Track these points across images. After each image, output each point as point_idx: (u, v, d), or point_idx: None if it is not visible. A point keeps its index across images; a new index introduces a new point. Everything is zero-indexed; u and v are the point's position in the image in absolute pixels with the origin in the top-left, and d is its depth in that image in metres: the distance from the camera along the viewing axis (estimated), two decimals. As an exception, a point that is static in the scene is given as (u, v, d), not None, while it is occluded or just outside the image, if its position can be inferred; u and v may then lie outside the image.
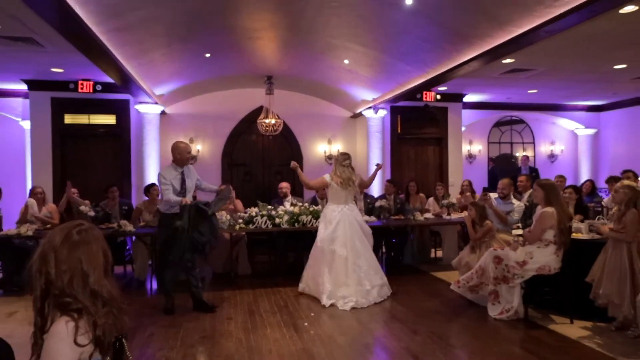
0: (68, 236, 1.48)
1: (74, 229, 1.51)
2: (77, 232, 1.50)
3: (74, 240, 1.48)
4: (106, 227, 6.12)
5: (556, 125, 11.21)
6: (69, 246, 1.46)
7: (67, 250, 1.45)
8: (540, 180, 4.61)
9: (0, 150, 8.66)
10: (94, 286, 1.45)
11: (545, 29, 4.00)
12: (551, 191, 4.35)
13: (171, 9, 4.66)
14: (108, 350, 1.44)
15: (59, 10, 3.53)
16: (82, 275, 1.45)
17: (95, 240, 1.52)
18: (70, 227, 1.52)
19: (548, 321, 4.38)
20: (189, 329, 4.29)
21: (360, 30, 5.58)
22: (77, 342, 1.38)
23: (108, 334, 1.44)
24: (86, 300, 1.43)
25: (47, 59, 6.07)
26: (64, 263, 1.44)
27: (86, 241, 1.49)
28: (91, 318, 1.42)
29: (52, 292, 1.43)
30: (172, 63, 6.64)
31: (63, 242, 1.47)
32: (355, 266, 5.06)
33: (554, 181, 7.36)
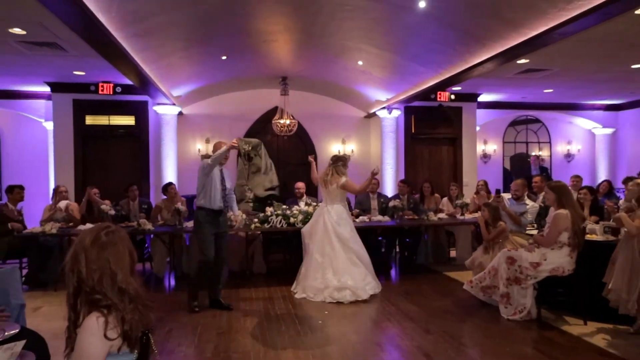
0: (97, 238, 1.59)
1: (102, 231, 1.62)
2: (105, 233, 1.61)
3: (102, 242, 1.59)
4: (126, 226, 6.30)
5: (573, 124, 11.08)
6: (98, 247, 1.57)
7: (96, 251, 1.57)
8: (550, 183, 4.61)
9: (24, 151, 8.95)
10: (121, 284, 1.56)
11: (559, 31, 4.00)
12: (562, 193, 4.36)
13: (189, 14, 4.79)
14: (135, 344, 1.55)
15: (83, 17, 3.68)
16: (111, 274, 1.56)
17: (122, 241, 1.63)
18: (99, 229, 1.63)
19: (561, 322, 4.39)
20: (206, 325, 4.41)
21: (373, 33, 5.64)
22: (107, 336, 1.49)
23: (135, 328, 1.55)
24: (114, 298, 1.54)
25: (70, 62, 6.27)
26: (94, 263, 1.55)
27: (113, 242, 1.60)
28: (119, 314, 1.52)
29: (83, 289, 1.54)
30: (190, 66, 6.79)
31: (92, 243, 1.58)
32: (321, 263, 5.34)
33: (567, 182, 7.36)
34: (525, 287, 4.41)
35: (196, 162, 9.01)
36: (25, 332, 2.02)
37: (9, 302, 2.59)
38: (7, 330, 1.98)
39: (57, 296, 5.47)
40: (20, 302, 2.67)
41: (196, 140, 9.10)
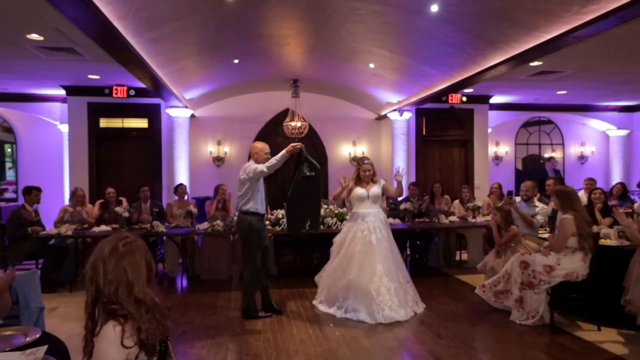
0: (115, 248, 1.63)
1: (121, 241, 1.66)
2: (123, 244, 1.65)
3: (120, 252, 1.62)
4: (139, 227, 6.38)
5: (586, 126, 10.96)
6: (115, 257, 1.61)
7: (114, 261, 1.60)
8: (556, 188, 4.61)
9: (39, 153, 9.11)
10: (138, 294, 1.59)
11: (573, 35, 3.98)
12: (565, 198, 4.34)
13: (203, 20, 4.85)
14: (154, 352, 1.58)
15: (99, 24, 3.75)
16: (127, 284, 1.59)
17: (139, 251, 1.66)
18: (117, 239, 1.67)
19: (574, 327, 4.35)
20: (219, 327, 4.46)
21: (385, 36, 5.65)
22: (124, 344, 1.53)
23: (151, 337, 1.58)
24: (131, 307, 1.57)
25: (85, 66, 6.37)
26: (111, 273, 1.59)
27: (131, 252, 1.64)
28: (136, 323, 1.56)
29: (101, 299, 1.58)
30: (202, 69, 6.86)
31: (110, 253, 1.62)
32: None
33: (580, 185, 7.28)
34: (539, 292, 4.38)
35: (208, 164, 9.13)
36: (46, 336, 2.07)
37: (28, 305, 2.65)
38: (29, 335, 2.03)
39: (72, 297, 5.56)
40: (40, 305, 2.72)
41: (208, 143, 9.18)
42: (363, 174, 4.98)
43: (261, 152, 4.72)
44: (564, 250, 4.31)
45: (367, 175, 4.96)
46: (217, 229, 6.03)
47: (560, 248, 4.32)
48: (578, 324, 4.41)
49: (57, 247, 6.12)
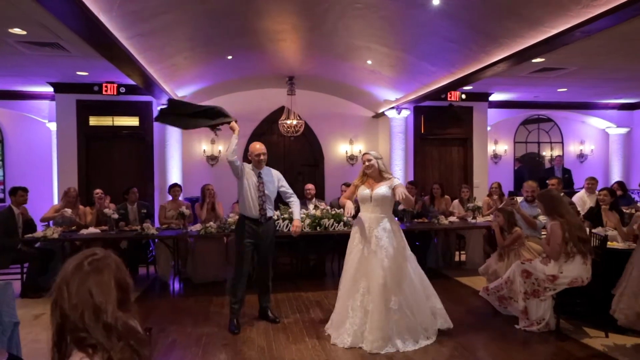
0: (79, 267, 1.42)
1: (87, 259, 1.44)
2: (89, 262, 1.43)
3: (84, 271, 1.41)
4: (129, 229, 6.18)
5: (586, 124, 10.83)
6: (79, 278, 1.39)
7: (77, 283, 1.38)
8: (540, 192, 4.44)
9: (27, 152, 8.87)
10: (107, 320, 1.37)
11: (582, 29, 3.80)
12: (548, 203, 4.17)
13: (194, 14, 4.63)
14: None
15: (82, 18, 3.53)
16: (94, 308, 1.37)
17: (108, 269, 1.44)
18: (83, 256, 1.45)
19: (581, 334, 4.20)
20: (211, 335, 4.27)
21: (383, 32, 5.46)
22: None
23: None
24: (99, 336, 1.35)
25: (73, 62, 6.13)
26: (75, 296, 1.37)
27: (97, 271, 1.42)
28: (106, 353, 1.34)
29: (67, 326, 1.37)
30: (195, 66, 6.64)
31: (74, 273, 1.40)
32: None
33: (581, 184, 7.12)
34: (544, 298, 4.22)
35: (201, 164, 8.92)
36: (13, 359, 1.88)
37: (1, 320, 2.45)
38: (-5, 359, 1.84)
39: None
40: (14, 320, 2.52)
41: (201, 141, 8.96)
42: (364, 166, 4.17)
43: (252, 153, 4.53)
44: (562, 256, 4.15)
45: (370, 167, 4.11)
46: (210, 230, 5.83)
47: (557, 255, 4.16)
48: (584, 330, 4.27)
49: (43, 250, 5.91)
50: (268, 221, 4.52)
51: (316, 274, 6.68)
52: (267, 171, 4.58)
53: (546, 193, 4.33)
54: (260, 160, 4.47)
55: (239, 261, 4.48)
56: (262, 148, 4.55)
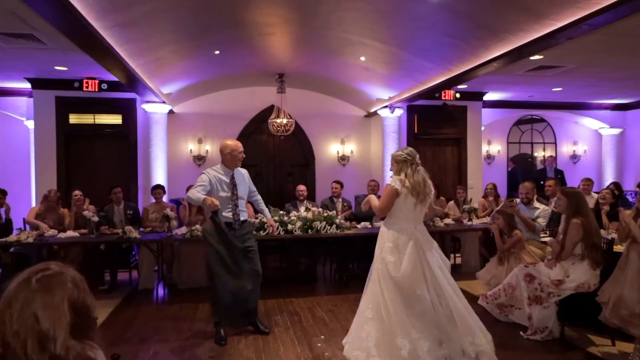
0: (25, 284, 1.15)
1: (36, 274, 1.17)
2: (38, 278, 1.16)
3: (31, 290, 1.14)
4: (110, 233, 5.87)
5: (579, 124, 10.74)
6: (24, 298, 1.13)
7: (21, 304, 1.12)
8: (565, 188, 4.24)
9: (4, 150, 8.45)
10: (55, 351, 1.11)
11: (589, 22, 3.60)
12: (575, 201, 3.97)
13: (177, 3, 4.35)
14: None
15: (53, 3, 3.23)
16: (40, 336, 1.11)
17: (61, 287, 1.17)
18: (32, 272, 1.18)
19: (586, 342, 4.01)
20: (196, 348, 3.98)
21: (378, 25, 5.22)
22: None
23: None
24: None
25: (50, 56, 5.80)
26: (17, 321, 1.11)
27: (47, 289, 1.15)
28: None
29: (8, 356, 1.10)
30: (180, 60, 6.34)
31: (18, 292, 1.14)
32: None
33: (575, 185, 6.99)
34: (548, 305, 4.01)
35: (188, 164, 8.61)
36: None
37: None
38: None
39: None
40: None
41: (188, 141, 8.65)
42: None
43: (235, 150, 4.13)
44: (570, 258, 3.96)
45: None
46: (196, 234, 5.54)
47: (568, 256, 3.97)
48: (590, 338, 4.07)
49: (19, 255, 5.57)
50: (243, 224, 4.16)
51: (307, 278, 6.42)
52: (239, 172, 4.24)
53: (573, 190, 4.13)
54: (240, 160, 4.17)
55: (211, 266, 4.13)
56: (241, 146, 4.24)
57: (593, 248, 3.88)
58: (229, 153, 4.14)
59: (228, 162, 4.15)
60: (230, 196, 4.08)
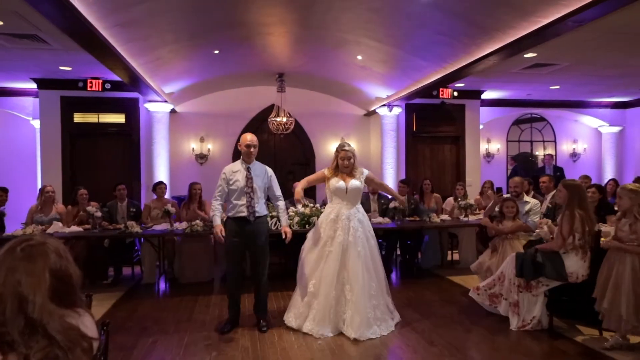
0: (9, 253, 1.27)
1: (20, 244, 1.29)
2: (22, 248, 1.28)
3: (15, 257, 1.26)
4: (113, 228, 6.01)
5: (579, 122, 10.79)
6: (8, 266, 1.25)
7: (5, 272, 1.24)
8: (565, 181, 4.31)
9: (11, 149, 8.65)
10: (32, 314, 1.21)
11: (573, 18, 3.70)
12: (575, 193, 4.05)
13: (177, 3, 4.49)
14: None
15: (55, 3, 3.38)
16: (19, 300, 1.22)
17: (43, 257, 1.28)
18: (18, 242, 1.31)
19: (574, 332, 4.09)
20: (194, 336, 4.12)
21: (373, 24, 5.34)
22: None
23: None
24: (14, 331, 1.20)
25: (55, 57, 5.97)
26: (2, 286, 1.22)
27: (30, 258, 1.27)
28: (22, 354, 1.18)
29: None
30: (181, 60, 6.49)
31: (3, 260, 1.26)
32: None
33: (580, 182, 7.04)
34: (536, 294, 4.11)
35: (190, 162, 8.76)
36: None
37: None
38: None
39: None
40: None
41: (190, 139, 8.81)
42: (342, 162, 4.20)
43: (242, 143, 4.25)
44: (562, 248, 4.05)
45: (347, 166, 4.19)
46: (197, 229, 5.68)
47: (559, 245, 4.06)
48: (578, 329, 4.16)
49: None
50: (258, 219, 4.22)
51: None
52: (258, 166, 4.31)
53: (574, 182, 4.19)
54: (250, 153, 4.19)
55: (228, 262, 4.32)
56: (252, 139, 4.25)
57: (587, 236, 3.95)
58: (239, 145, 4.31)
59: (242, 155, 4.26)
60: (245, 188, 4.14)
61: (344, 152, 4.21)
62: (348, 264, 4.04)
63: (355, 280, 3.99)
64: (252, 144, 4.22)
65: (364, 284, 3.99)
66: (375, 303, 4.05)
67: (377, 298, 4.08)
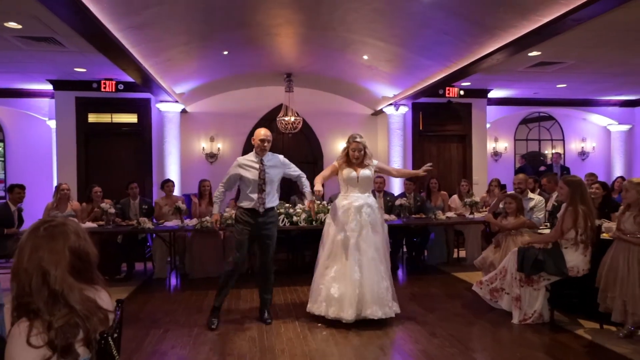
0: (33, 233, 1.43)
1: (43, 225, 1.45)
2: (45, 228, 1.44)
3: (39, 236, 1.42)
4: (126, 224, 6.19)
5: (587, 121, 10.76)
6: (32, 244, 1.40)
7: (30, 249, 1.40)
8: (566, 177, 4.38)
9: (28, 150, 8.93)
10: (54, 285, 1.37)
11: (572, 17, 3.77)
12: (576, 189, 4.11)
13: (186, 6, 4.65)
14: (69, 354, 1.36)
15: (72, 7, 3.55)
16: (43, 273, 1.38)
17: (63, 236, 1.44)
18: (40, 223, 1.47)
19: (576, 326, 4.15)
20: (203, 326, 4.26)
21: (377, 24, 5.45)
22: (30, 343, 1.31)
23: (62, 337, 1.35)
24: (40, 301, 1.36)
25: (70, 58, 6.18)
26: (27, 261, 1.38)
27: (52, 237, 1.42)
28: (46, 320, 1.34)
29: (20, 292, 1.38)
30: (191, 61, 6.66)
31: (28, 239, 1.42)
32: None
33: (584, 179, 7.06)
34: (538, 288, 4.18)
35: (200, 161, 8.94)
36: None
37: (-12, 302, 2.48)
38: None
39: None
40: (0, 302, 2.56)
41: (200, 139, 8.99)
42: (352, 154, 4.36)
43: (256, 137, 4.34)
44: (563, 242, 4.11)
45: (357, 157, 4.32)
46: (207, 225, 5.84)
47: (556, 237, 4.13)
48: (579, 322, 4.22)
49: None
50: (268, 212, 4.33)
51: (311, 269, 6.61)
52: (272, 157, 4.39)
53: (575, 178, 4.24)
54: (264, 147, 4.28)
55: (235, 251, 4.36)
56: (267, 134, 4.32)
57: (588, 231, 4.02)
58: (253, 139, 4.39)
59: (255, 148, 4.36)
60: (257, 180, 4.25)
61: (355, 144, 4.36)
62: (362, 246, 4.21)
63: (367, 263, 4.18)
64: (267, 138, 4.31)
65: (375, 266, 4.19)
66: (386, 285, 4.22)
67: (387, 280, 4.26)
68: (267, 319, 4.37)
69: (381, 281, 4.18)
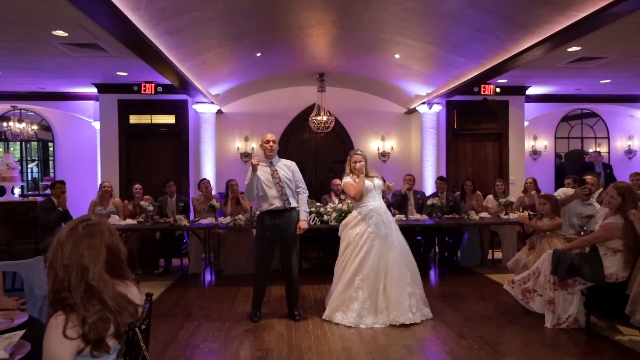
0: (73, 230, 1.53)
1: (81, 223, 1.55)
2: (83, 226, 1.54)
3: (78, 234, 1.51)
4: (164, 221, 6.45)
5: (634, 117, 10.22)
6: (73, 241, 1.50)
7: (70, 245, 1.49)
8: (618, 185, 4.03)
9: (75, 150, 9.43)
10: (91, 281, 1.47)
11: (610, 11, 3.62)
12: (631, 197, 3.85)
13: (218, 11, 4.79)
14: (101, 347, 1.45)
15: (112, 16, 3.75)
16: (82, 269, 1.47)
17: (100, 234, 1.54)
18: (78, 221, 1.57)
19: (613, 332, 4.00)
20: (234, 322, 4.40)
21: (409, 23, 5.41)
22: (66, 334, 1.41)
23: (95, 331, 1.44)
24: (77, 296, 1.45)
25: (113, 63, 6.49)
26: (67, 258, 1.48)
27: (90, 235, 1.52)
28: (81, 314, 1.43)
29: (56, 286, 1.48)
30: (225, 63, 6.84)
31: (68, 236, 1.51)
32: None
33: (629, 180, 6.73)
34: (572, 292, 4.05)
35: (235, 160, 9.16)
36: (32, 322, 2.04)
37: (32, 292, 2.67)
38: (15, 320, 2.00)
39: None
40: (44, 292, 2.75)
41: (235, 139, 9.20)
42: (353, 165, 4.51)
43: (262, 141, 4.58)
44: (603, 250, 3.95)
45: (359, 168, 4.45)
46: (239, 223, 6.00)
47: (588, 243, 4.00)
48: (617, 329, 4.05)
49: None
50: (290, 211, 4.44)
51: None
52: (279, 160, 4.58)
53: (626, 185, 4.03)
54: (270, 148, 4.47)
55: (257, 255, 4.57)
56: (271, 136, 4.59)
57: (632, 239, 3.84)
58: (260, 146, 4.65)
59: (264, 152, 4.56)
60: (273, 180, 4.40)
61: (356, 156, 4.55)
62: (386, 253, 4.32)
63: (392, 269, 4.28)
64: (271, 138, 4.56)
65: (400, 272, 4.29)
66: (411, 291, 4.29)
67: (412, 286, 4.32)
68: (297, 316, 4.47)
69: (405, 288, 4.28)
